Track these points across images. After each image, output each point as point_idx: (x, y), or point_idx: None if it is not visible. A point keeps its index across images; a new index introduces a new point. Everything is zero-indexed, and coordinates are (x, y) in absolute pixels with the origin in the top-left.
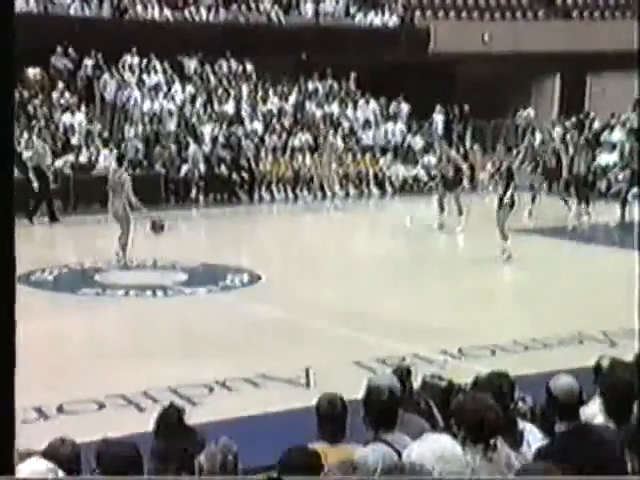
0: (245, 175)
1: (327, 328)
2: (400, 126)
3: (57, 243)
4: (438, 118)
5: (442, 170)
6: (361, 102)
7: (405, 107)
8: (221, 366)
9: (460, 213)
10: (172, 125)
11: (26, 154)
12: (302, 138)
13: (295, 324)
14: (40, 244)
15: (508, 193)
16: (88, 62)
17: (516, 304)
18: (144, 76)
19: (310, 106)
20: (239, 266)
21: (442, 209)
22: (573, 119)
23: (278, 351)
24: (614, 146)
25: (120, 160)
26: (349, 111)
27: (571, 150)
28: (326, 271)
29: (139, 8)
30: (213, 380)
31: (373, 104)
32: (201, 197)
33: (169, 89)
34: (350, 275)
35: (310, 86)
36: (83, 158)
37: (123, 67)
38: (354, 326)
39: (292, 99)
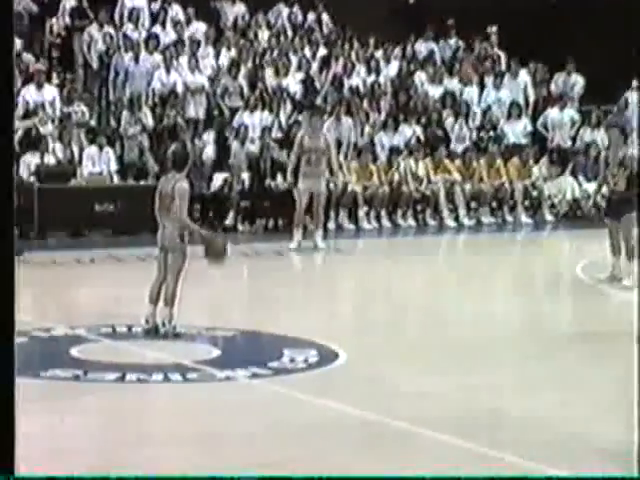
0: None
1: (439, 439)
2: (569, 112)
3: None
4: (634, 97)
5: (611, 183)
6: (506, 75)
7: (579, 81)
8: None
9: (629, 257)
10: (200, 110)
11: None
12: (406, 132)
13: (392, 431)
14: None
15: None
16: (66, 4)
17: None
18: (155, 30)
19: (420, 80)
20: (302, 336)
21: (614, 250)
22: None
23: (368, 470)
24: None
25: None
26: (486, 89)
27: None
28: (438, 347)
29: None
30: None
31: (524, 75)
32: (241, 225)
33: (195, 52)
34: (477, 355)
35: (421, 48)
36: (55, 158)
37: (120, 14)
38: (484, 438)
39: (391, 68)
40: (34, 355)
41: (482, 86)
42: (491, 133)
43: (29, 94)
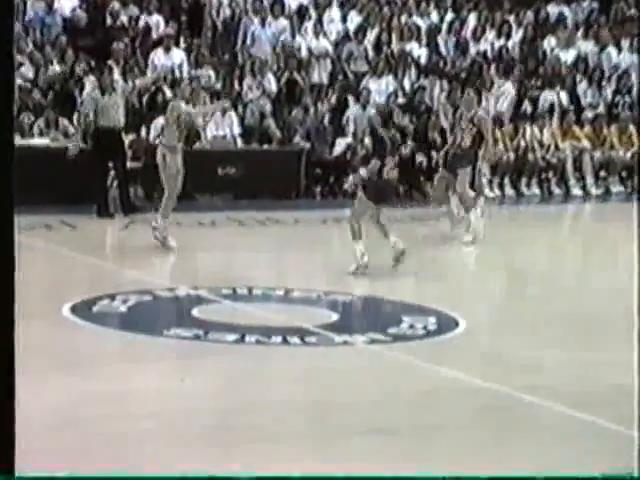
0: (437, 156)
1: (559, 411)
2: None
3: (134, 254)
4: None
5: (459, 138)
6: None
7: None
8: (388, 463)
9: (466, 208)
10: (323, 74)
11: (83, 109)
12: (534, 98)
13: (513, 402)
14: (107, 254)
15: None
16: None
17: None
18: None
19: (550, 45)
20: (422, 304)
21: (437, 199)
22: None
23: (489, 439)
24: None
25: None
26: (622, 52)
27: None
28: (560, 320)
29: None
30: None
31: None
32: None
33: (321, 17)
34: (600, 329)
35: (553, 10)
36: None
37: None
38: (604, 412)
39: (517, 34)
40: (158, 314)
41: (619, 49)
42: (627, 98)
43: (157, 58)
